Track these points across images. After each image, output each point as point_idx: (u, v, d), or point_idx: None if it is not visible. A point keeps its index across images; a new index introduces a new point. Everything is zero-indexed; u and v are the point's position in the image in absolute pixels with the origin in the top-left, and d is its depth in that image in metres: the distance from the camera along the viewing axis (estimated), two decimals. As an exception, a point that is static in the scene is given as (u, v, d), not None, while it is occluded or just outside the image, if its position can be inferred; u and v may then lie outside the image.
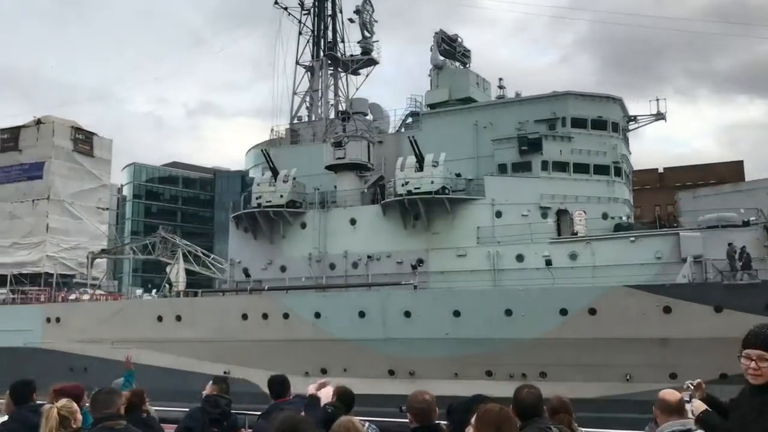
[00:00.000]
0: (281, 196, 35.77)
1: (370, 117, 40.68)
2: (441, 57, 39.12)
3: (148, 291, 48.06)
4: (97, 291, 45.28)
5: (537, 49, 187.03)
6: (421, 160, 32.97)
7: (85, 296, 42.67)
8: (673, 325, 25.84)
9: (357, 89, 45.16)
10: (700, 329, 24.78)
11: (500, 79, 39.64)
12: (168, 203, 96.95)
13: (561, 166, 33.58)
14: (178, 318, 34.91)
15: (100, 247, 50.40)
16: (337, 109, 43.59)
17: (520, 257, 31.09)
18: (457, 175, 34.12)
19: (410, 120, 40.07)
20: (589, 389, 25.59)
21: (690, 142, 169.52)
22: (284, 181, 36.11)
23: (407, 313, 30.04)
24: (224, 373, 28.71)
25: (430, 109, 38.42)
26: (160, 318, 35.38)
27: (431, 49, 38.94)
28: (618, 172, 34.35)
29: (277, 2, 44.43)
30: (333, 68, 45.05)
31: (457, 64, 40.57)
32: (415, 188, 32.59)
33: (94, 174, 52.14)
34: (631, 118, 36.97)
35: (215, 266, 45.78)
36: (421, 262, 32.52)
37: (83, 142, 51.49)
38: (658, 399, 5.59)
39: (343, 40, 45.05)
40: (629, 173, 37.20)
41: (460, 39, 40.73)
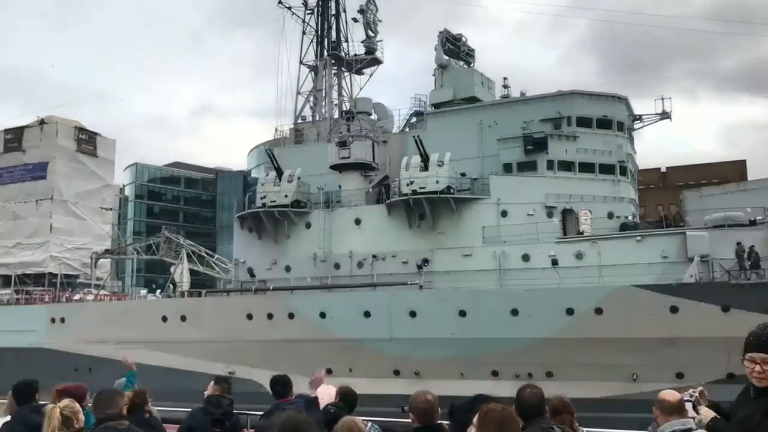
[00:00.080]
0: (286, 196, 35.69)
1: (375, 116, 40.57)
2: (445, 56, 39.00)
3: (152, 291, 48.13)
4: (101, 291, 45.33)
5: (539, 49, 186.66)
6: (426, 160, 32.87)
7: (90, 296, 42.70)
8: (680, 325, 25.68)
9: (361, 89, 45.17)
10: (707, 329, 24.60)
11: (505, 79, 39.45)
12: (170, 203, 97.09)
13: (566, 166, 33.45)
14: (183, 318, 34.92)
15: (103, 248, 50.45)
16: (341, 109, 43.56)
17: (525, 257, 30.95)
18: (462, 175, 34.00)
19: (414, 119, 39.93)
20: (595, 389, 25.48)
21: (692, 141, 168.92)
22: (289, 181, 36.04)
23: (413, 313, 29.96)
24: (229, 373, 28.71)
25: (434, 108, 38.25)
26: (165, 318, 35.39)
27: (435, 49, 38.79)
28: (623, 171, 34.22)
29: (281, 2, 44.37)
30: (337, 68, 44.99)
31: (462, 63, 40.44)
32: (420, 188, 32.50)
33: (98, 174, 52.03)
34: (637, 118, 36.82)
35: (219, 266, 45.82)
36: (426, 262, 32.39)
37: (86, 142, 51.40)
38: (658, 399, 5.64)
39: (346, 40, 45.06)
40: (634, 172, 37.06)
41: (464, 38, 40.63)
